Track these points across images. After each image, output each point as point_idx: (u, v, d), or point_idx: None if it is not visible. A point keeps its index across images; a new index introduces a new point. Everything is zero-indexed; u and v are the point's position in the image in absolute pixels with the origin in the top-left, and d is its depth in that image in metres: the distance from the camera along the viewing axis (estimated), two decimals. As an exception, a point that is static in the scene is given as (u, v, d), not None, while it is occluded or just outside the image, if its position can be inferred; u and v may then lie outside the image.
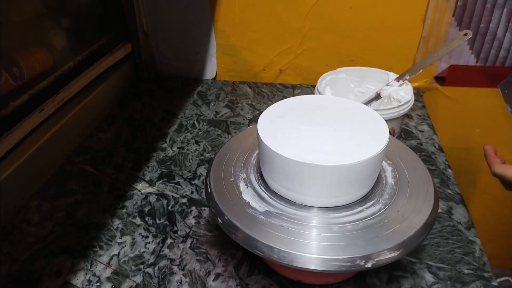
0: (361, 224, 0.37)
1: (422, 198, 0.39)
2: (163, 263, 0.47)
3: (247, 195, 0.40)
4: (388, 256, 0.34)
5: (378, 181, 0.42)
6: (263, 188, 0.41)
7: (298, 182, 0.37)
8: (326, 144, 0.38)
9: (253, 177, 0.43)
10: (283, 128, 0.40)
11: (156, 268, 0.46)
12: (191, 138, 0.71)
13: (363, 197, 0.40)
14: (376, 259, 0.34)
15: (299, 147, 0.37)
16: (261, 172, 0.43)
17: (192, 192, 0.58)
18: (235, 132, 0.72)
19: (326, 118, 0.42)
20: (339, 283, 0.44)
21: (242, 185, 0.42)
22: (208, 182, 0.43)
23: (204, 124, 0.75)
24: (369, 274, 0.45)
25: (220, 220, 0.38)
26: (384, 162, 0.45)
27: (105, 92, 0.77)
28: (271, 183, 0.41)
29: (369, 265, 0.34)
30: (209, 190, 0.41)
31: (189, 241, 0.50)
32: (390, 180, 0.42)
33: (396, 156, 0.46)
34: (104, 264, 0.47)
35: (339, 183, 0.37)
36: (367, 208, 0.39)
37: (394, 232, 0.36)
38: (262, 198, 0.40)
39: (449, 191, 0.57)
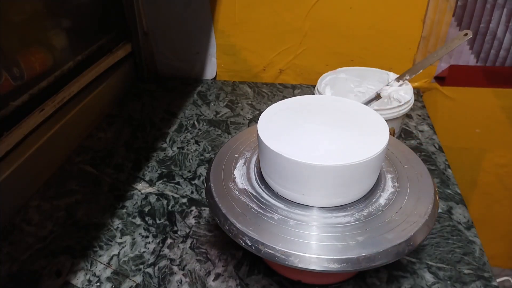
0: (360, 224, 0.37)
1: (422, 198, 0.40)
2: (163, 263, 0.47)
3: (247, 195, 0.41)
4: (387, 256, 0.34)
5: (378, 181, 0.42)
6: (263, 188, 0.42)
7: (298, 182, 0.38)
8: (326, 144, 0.38)
9: (253, 178, 0.43)
10: (283, 128, 0.40)
11: (156, 268, 0.46)
12: (191, 138, 0.71)
13: (363, 197, 0.40)
14: (375, 259, 0.34)
15: (299, 147, 0.37)
16: (261, 172, 0.43)
17: (192, 192, 0.58)
18: (235, 132, 0.72)
19: (327, 118, 0.42)
20: (339, 283, 0.44)
21: (242, 185, 0.42)
22: (208, 182, 0.43)
23: (204, 124, 0.75)
24: (369, 274, 0.45)
25: (219, 220, 0.38)
26: (384, 162, 0.45)
27: (105, 92, 0.77)
28: (271, 183, 0.41)
29: (368, 265, 0.34)
30: (209, 190, 0.42)
31: (189, 241, 0.50)
32: (390, 180, 0.42)
33: (396, 156, 0.46)
34: (104, 264, 0.47)
35: (340, 183, 0.37)
36: (367, 207, 0.39)
37: (394, 232, 0.36)
38: (262, 198, 0.40)
39: (449, 191, 0.57)
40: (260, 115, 0.42)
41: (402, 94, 0.63)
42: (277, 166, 0.38)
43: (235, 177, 0.43)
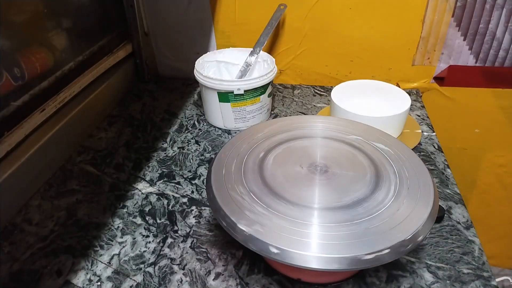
0: (360, 223, 0.37)
1: (422, 198, 0.40)
2: (163, 262, 0.47)
3: (248, 194, 0.41)
4: (387, 255, 0.34)
5: (377, 181, 0.42)
6: (263, 187, 0.42)
7: None
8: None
9: (253, 176, 0.43)
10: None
11: (157, 267, 0.47)
12: (192, 138, 0.71)
13: (362, 196, 0.40)
14: (374, 258, 0.34)
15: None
16: (260, 171, 0.43)
17: (192, 192, 0.58)
18: (235, 132, 0.72)
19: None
20: (339, 282, 0.44)
21: (242, 185, 0.42)
22: (208, 181, 0.43)
23: (205, 124, 0.75)
24: (368, 274, 0.45)
25: (220, 219, 0.39)
26: (383, 161, 0.45)
27: (106, 92, 0.77)
28: None
29: (368, 264, 0.34)
30: (210, 190, 0.42)
31: (189, 241, 0.50)
32: (389, 180, 0.42)
33: (395, 155, 0.46)
34: (105, 264, 0.47)
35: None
36: (366, 207, 0.39)
37: (393, 231, 0.36)
38: (261, 198, 0.40)
39: (448, 191, 0.57)
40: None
41: (265, 66, 0.75)
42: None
43: (236, 176, 0.43)
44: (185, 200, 0.57)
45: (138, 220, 0.53)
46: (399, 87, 0.86)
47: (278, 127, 0.52)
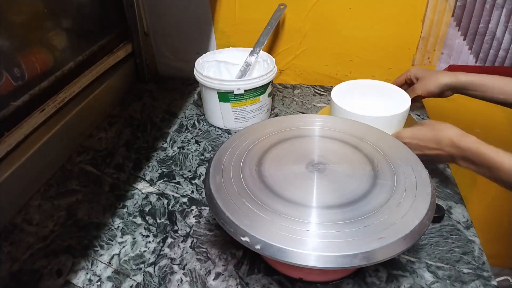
0: (358, 222, 0.37)
1: (420, 197, 0.40)
2: (163, 262, 0.47)
3: (246, 193, 0.41)
4: (385, 253, 0.34)
5: (376, 180, 0.42)
6: (261, 186, 0.42)
7: None
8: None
9: (251, 176, 0.43)
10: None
11: (157, 267, 0.47)
12: (192, 138, 0.71)
13: (361, 195, 0.40)
14: (373, 256, 0.34)
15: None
16: (259, 170, 0.43)
17: (192, 192, 0.58)
18: (235, 132, 0.72)
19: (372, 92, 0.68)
20: (340, 279, 0.44)
21: (241, 183, 0.42)
22: (207, 181, 0.43)
23: (205, 124, 0.75)
24: (368, 273, 0.45)
25: (220, 219, 0.39)
26: (381, 160, 0.45)
27: (106, 92, 0.77)
28: None
29: (365, 262, 0.34)
30: (209, 189, 0.42)
31: (189, 241, 0.50)
32: (388, 179, 0.42)
33: (394, 155, 0.46)
34: (105, 264, 0.47)
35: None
36: (365, 206, 0.39)
37: (390, 230, 0.36)
38: (260, 196, 0.40)
39: (448, 191, 0.57)
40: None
41: (265, 66, 0.76)
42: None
43: (235, 175, 0.43)
44: (185, 200, 0.57)
45: (138, 220, 0.53)
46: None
47: (277, 126, 0.52)
